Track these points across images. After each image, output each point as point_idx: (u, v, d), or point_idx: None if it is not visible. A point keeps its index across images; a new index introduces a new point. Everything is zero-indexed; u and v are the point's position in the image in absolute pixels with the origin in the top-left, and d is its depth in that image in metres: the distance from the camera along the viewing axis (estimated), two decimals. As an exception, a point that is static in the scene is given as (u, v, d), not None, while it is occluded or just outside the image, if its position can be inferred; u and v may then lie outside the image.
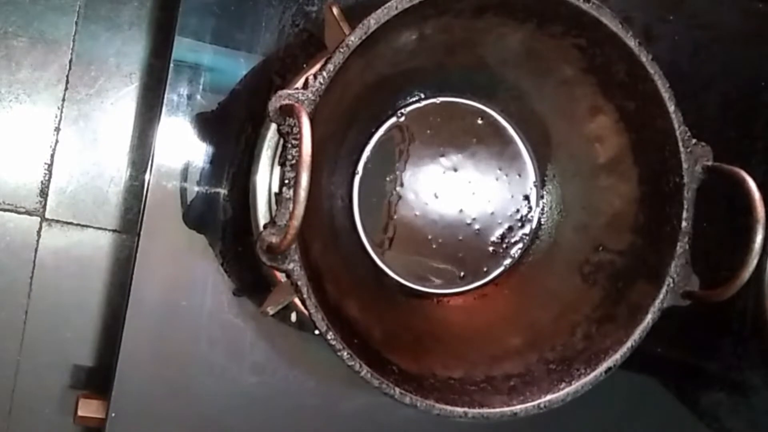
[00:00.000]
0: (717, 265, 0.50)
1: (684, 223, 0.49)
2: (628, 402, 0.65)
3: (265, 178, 0.56)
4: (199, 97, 0.58)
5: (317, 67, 0.43)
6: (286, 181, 0.39)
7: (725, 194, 0.48)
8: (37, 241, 0.60)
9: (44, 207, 0.60)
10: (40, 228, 0.60)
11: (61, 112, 0.61)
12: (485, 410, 0.47)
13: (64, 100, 0.61)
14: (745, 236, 0.46)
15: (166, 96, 0.57)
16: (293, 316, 0.58)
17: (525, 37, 0.52)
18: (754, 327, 0.69)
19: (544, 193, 0.59)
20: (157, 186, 0.56)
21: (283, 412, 0.59)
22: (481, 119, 0.58)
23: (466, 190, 0.58)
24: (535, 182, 0.59)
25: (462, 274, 0.58)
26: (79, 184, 0.61)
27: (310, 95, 0.41)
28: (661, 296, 0.48)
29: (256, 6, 0.59)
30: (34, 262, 0.60)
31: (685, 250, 0.48)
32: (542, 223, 0.59)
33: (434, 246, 0.57)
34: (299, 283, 0.41)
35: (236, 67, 0.59)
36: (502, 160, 0.59)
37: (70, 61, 0.61)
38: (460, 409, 0.46)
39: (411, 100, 0.57)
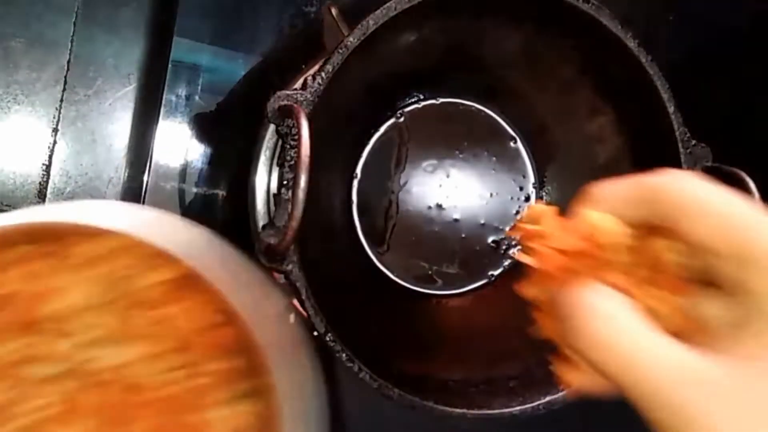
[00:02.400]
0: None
1: (684, 224, 0.48)
2: (628, 402, 0.65)
3: (264, 179, 0.55)
4: (197, 97, 0.58)
5: (316, 67, 0.43)
6: (285, 182, 0.39)
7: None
8: (35, 242, 0.60)
9: (42, 208, 0.60)
10: (38, 229, 0.60)
11: (59, 112, 0.61)
12: (485, 411, 0.47)
13: (62, 101, 0.60)
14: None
15: (164, 97, 0.57)
16: (292, 318, 0.58)
17: (524, 37, 0.52)
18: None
19: (544, 193, 0.59)
20: (156, 187, 0.56)
21: (282, 413, 0.59)
22: (481, 120, 0.58)
23: (465, 191, 0.58)
24: (534, 183, 0.59)
25: (461, 275, 0.58)
26: (77, 185, 0.61)
27: (308, 96, 0.41)
28: (660, 297, 0.48)
29: (254, 7, 0.59)
30: (32, 263, 0.60)
31: (685, 251, 0.48)
32: (542, 224, 0.59)
33: (433, 247, 0.57)
34: (298, 284, 0.41)
35: (235, 67, 0.59)
36: (502, 161, 0.59)
37: (68, 62, 0.61)
38: (459, 411, 0.46)
39: (410, 101, 0.57)
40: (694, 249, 0.24)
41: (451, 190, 0.57)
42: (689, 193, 0.24)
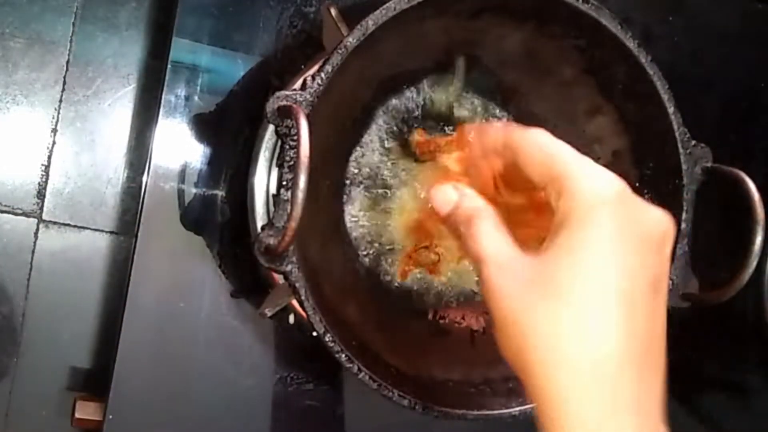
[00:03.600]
0: (716, 267, 0.49)
1: (683, 225, 0.48)
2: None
3: (263, 179, 0.55)
4: (196, 98, 0.58)
5: (315, 68, 0.42)
6: (284, 183, 0.39)
7: (725, 195, 0.48)
8: (34, 242, 0.60)
9: (41, 209, 0.60)
10: (37, 230, 0.60)
11: (59, 113, 0.61)
12: (484, 412, 0.47)
13: (61, 101, 0.60)
14: (744, 238, 0.46)
15: (163, 97, 0.57)
16: (291, 318, 0.58)
17: (524, 37, 0.52)
18: (754, 328, 0.69)
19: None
20: (155, 187, 0.56)
21: (281, 414, 0.59)
22: (481, 120, 0.58)
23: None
24: (534, 183, 0.59)
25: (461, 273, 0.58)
26: (77, 185, 0.61)
27: (308, 96, 0.40)
28: (660, 298, 0.47)
29: (253, 7, 0.59)
30: (31, 263, 0.60)
31: (685, 251, 0.48)
32: (541, 224, 0.59)
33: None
34: (297, 284, 0.41)
35: (234, 68, 0.59)
36: (501, 161, 0.58)
37: (68, 62, 0.61)
38: (458, 411, 0.46)
39: (410, 101, 0.57)
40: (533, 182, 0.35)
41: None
42: (525, 143, 0.35)
